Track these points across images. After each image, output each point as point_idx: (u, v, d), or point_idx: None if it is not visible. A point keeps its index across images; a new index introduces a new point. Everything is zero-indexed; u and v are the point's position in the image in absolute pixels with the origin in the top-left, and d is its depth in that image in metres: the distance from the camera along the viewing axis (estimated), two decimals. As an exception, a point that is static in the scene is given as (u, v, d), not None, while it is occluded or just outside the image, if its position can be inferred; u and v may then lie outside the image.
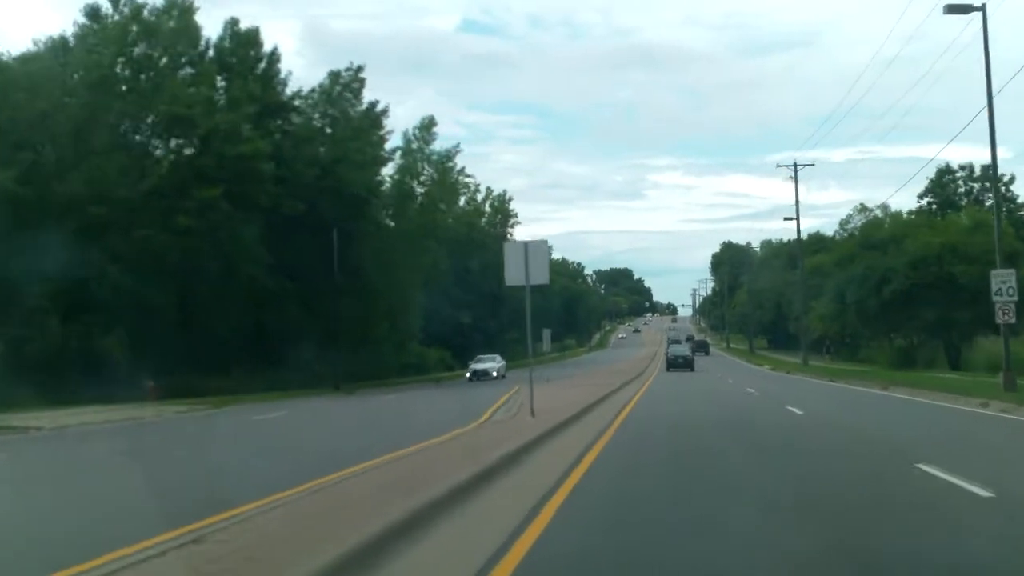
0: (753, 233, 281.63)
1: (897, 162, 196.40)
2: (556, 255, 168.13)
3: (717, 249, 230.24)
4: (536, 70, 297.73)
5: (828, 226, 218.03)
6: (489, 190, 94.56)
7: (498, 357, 56.52)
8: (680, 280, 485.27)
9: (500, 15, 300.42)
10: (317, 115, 54.53)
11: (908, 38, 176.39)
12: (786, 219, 64.49)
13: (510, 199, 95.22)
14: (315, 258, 48.25)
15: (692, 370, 57.52)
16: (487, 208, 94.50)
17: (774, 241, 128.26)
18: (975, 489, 9.72)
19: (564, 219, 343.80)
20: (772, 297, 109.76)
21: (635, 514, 8.92)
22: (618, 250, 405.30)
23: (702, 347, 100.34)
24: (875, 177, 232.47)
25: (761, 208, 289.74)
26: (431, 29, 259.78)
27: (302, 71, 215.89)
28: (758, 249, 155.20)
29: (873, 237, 57.24)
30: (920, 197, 69.08)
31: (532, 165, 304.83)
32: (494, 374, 52.39)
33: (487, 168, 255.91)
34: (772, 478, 11.33)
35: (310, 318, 48.26)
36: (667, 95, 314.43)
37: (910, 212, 65.75)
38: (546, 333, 48.46)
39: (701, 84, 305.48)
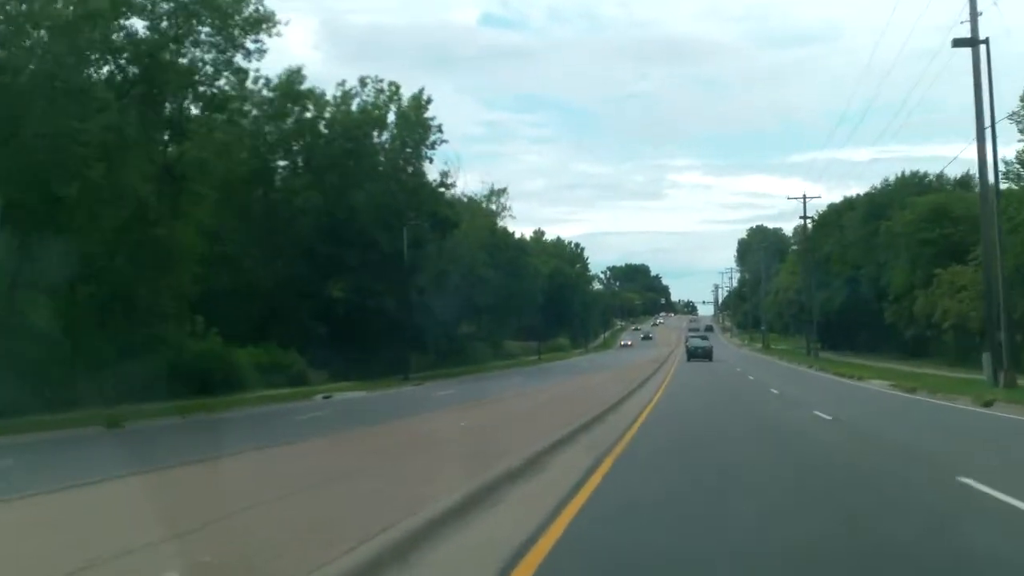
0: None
1: (921, 161, 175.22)
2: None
3: (742, 239, 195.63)
4: (557, 64, 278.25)
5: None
6: (395, 86, 57.92)
7: None
8: (699, 281, 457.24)
9: (520, 8, 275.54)
10: None
11: (933, 31, 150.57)
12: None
13: (428, 101, 58.33)
14: None
15: (711, 360, 68.08)
16: (392, 115, 57.96)
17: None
18: None
19: (584, 220, 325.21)
20: (843, 272, 72.63)
21: None
22: (636, 251, 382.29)
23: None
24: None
25: (784, 209, 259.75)
26: (450, 23, 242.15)
27: (319, 67, 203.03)
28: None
29: None
30: None
31: (552, 166, 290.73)
32: None
33: (508, 169, 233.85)
34: None
35: None
36: (687, 89, 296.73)
37: None
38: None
39: (721, 77, 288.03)
